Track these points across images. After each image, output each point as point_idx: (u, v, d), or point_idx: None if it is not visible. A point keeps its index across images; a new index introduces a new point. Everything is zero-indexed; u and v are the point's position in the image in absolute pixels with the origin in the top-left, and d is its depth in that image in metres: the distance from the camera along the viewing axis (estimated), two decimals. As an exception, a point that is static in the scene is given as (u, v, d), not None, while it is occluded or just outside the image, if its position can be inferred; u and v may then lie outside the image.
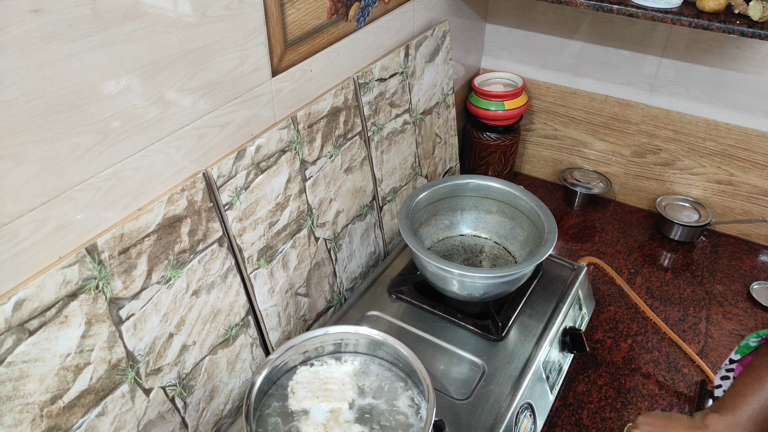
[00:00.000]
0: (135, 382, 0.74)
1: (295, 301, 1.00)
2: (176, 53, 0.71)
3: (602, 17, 1.44)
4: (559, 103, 1.61)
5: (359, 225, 1.15)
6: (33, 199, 0.60)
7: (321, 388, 0.86)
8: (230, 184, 0.83)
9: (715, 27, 1.09)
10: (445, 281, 1.00)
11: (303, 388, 0.85)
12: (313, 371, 0.88)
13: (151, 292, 0.74)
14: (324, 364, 0.89)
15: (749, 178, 1.44)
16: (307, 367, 0.88)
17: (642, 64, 1.45)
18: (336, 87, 1.01)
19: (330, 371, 0.88)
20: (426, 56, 1.26)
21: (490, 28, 1.60)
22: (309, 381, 0.86)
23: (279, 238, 0.94)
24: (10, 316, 0.59)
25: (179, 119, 0.75)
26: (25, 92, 0.56)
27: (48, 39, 0.56)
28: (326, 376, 0.87)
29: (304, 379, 0.87)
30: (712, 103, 1.41)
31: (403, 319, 1.05)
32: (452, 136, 1.45)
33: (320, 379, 0.87)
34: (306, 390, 0.85)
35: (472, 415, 0.89)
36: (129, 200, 0.72)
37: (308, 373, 0.88)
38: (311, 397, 0.84)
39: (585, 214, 1.59)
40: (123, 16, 0.63)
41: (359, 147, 1.10)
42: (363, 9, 1.04)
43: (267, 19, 0.83)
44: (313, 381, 0.86)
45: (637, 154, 1.57)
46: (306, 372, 0.88)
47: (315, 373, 0.88)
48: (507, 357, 0.98)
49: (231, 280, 0.87)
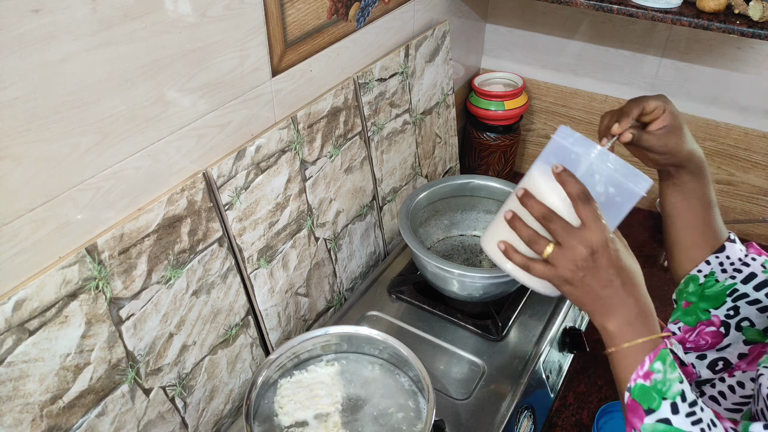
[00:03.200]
0: (135, 382, 0.74)
1: (295, 301, 1.00)
2: (176, 53, 0.71)
3: (602, 17, 1.44)
4: (559, 103, 1.61)
5: (359, 225, 1.15)
6: (33, 199, 0.60)
7: (308, 396, 0.84)
8: (230, 184, 0.83)
9: (715, 27, 1.09)
10: (445, 281, 1.00)
11: (290, 401, 0.84)
12: (295, 381, 0.86)
13: (151, 292, 0.74)
14: (305, 371, 0.87)
15: (749, 178, 1.44)
16: (287, 378, 0.86)
17: (642, 64, 1.45)
18: (336, 87, 1.01)
19: (313, 377, 0.87)
20: (426, 56, 1.26)
21: (490, 28, 1.60)
22: (294, 392, 0.85)
23: (279, 238, 0.94)
24: (10, 316, 0.59)
25: (179, 119, 0.75)
26: (25, 92, 0.56)
27: (48, 39, 0.56)
28: (310, 383, 0.86)
29: (288, 392, 0.85)
30: (712, 103, 1.40)
31: (403, 319, 1.05)
32: (452, 136, 1.45)
33: (305, 387, 0.85)
34: (293, 402, 0.83)
35: (472, 415, 0.89)
36: (129, 200, 0.72)
37: (291, 384, 0.86)
38: (301, 409, 0.83)
39: (585, 214, 1.59)
40: (123, 16, 0.63)
41: (359, 147, 1.10)
42: (363, 9, 1.04)
43: (267, 19, 0.83)
44: (298, 391, 0.85)
45: (637, 154, 1.57)
46: (288, 384, 0.86)
47: (297, 383, 0.86)
48: (507, 357, 0.98)
49: (231, 280, 0.87)
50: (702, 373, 0.77)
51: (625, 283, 0.62)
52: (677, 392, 0.59)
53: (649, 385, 0.60)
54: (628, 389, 0.61)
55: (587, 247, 0.60)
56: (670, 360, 0.60)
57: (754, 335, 0.74)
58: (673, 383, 0.59)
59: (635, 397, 0.60)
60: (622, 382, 0.62)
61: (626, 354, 0.61)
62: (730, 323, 0.75)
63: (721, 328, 0.75)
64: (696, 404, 0.59)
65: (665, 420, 0.58)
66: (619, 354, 0.62)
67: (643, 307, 0.63)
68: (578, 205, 0.61)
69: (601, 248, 0.60)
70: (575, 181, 0.62)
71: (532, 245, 0.63)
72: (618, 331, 0.62)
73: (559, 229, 0.61)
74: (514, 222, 0.64)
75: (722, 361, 0.76)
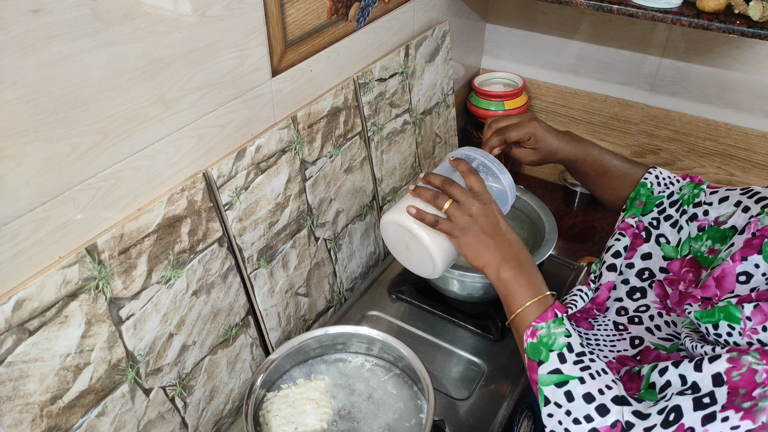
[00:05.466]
0: (135, 382, 0.74)
1: (295, 301, 1.00)
2: (176, 53, 0.71)
3: (602, 17, 1.44)
4: (559, 103, 1.61)
5: (359, 225, 1.15)
6: (33, 199, 0.60)
7: (294, 413, 0.83)
8: (230, 184, 0.83)
9: (715, 27, 1.09)
10: (445, 281, 1.00)
11: (275, 416, 0.82)
12: (282, 396, 0.85)
13: (151, 292, 0.74)
14: (293, 386, 0.86)
15: (749, 178, 1.44)
16: (275, 393, 0.85)
17: (642, 64, 1.45)
18: (336, 87, 1.01)
19: (301, 392, 0.85)
20: (426, 56, 1.26)
21: (490, 28, 1.60)
22: (279, 407, 0.83)
23: (279, 238, 0.94)
24: (10, 316, 0.59)
25: (179, 119, 0.75)
26: (25, 92, 0.56)
27: (48, 39, 0.56)
28: (296, 399, 0.84)
29: (275, 407, 0.84)
30: (712, 103, 1.41)
31: (403, 319, 1.05)
32: (452, 136, 1.45)
33: (291, 402, 0.84)
34: (279, 417, 0.82)
35: (472, 415, 0.89)
36: (129, 200, 0.72)
37: (278, 398, 0.85)
38: (286, 424, 0.81)
39: (585, 214, 1.59)
40: (123, 16, 0.63)
41: (359, 147, 1.10)
42: (363, 9, 1.04)
43: (267, 19, 0.83)
44: (283, 406, 0.84)
45: (637, 154, 1.57)
46: (276, 398, 0.85)
47: (284, 398, 0.85)
48: (507, 357, 0.98)
49: (231, 280, 0.87)
50: (631, 281, 0.88)
51: (508, 233, 0.76)
52: (563, 344, 0.68)
53: (536, 342, 0.69)
54: (525, 350, 0.70)
55: (478, 202, 0.75)
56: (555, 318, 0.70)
57: (670, 252, 0.86)
58: (558, 337, 0.68)
59: (528, 354, 0.70)
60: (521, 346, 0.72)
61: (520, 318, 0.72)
62: (652, 232, 0.88)
63: (643, 232, 0.88)
64: (584, 354, 0.68)
65: (556, 370, 0.67)
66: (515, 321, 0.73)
67: (526, 257, 0.75)
68: (468, 177, 0.78)
69: (487, 202, 0.75)
70: (465, 163, 0.79)
71: (434, 201, 0.76)
72: (512, 279, 0.73)
73: (455, 190, 0.76)
74: (418, 191, 0.78)
75: (647, 271, 0.87)
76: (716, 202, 0.83)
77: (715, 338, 0.66)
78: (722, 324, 0.65)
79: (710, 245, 0.81)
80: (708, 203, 0.84)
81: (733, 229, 0.79)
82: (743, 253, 0.70)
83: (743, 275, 0.69)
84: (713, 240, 0.81)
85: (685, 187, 0.88)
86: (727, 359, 0.60)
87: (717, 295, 0.71)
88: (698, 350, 0.67)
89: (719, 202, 0.82)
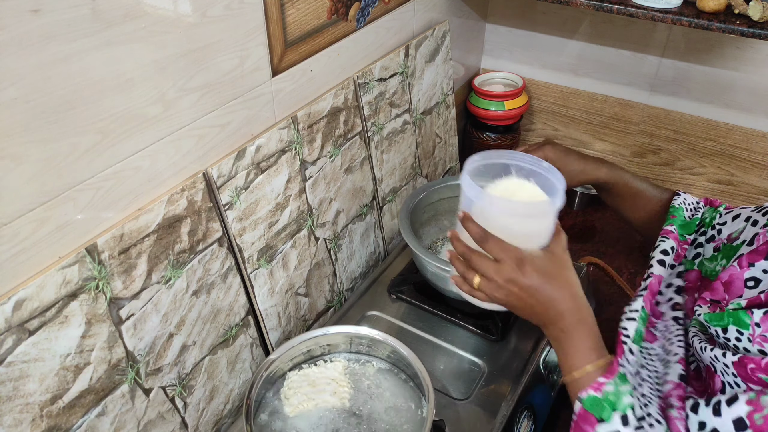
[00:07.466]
0: (135, 382, 0.74)
1: (295, 301, 1.00)
2: (176, 53, 0.71)
3: (602, 17, 1.44)
4: (559, 103, 1.61)
5: (359, 225, 1.15)
6: (33, 199, 0.60)
7: (315, 390, 0.85)
8: (230, 184, 0.83)
9: (715, 27, 1.09)
10: (445, 281, 1.00)
11: (296, 393, 0.85)
12: (303, 374, 0.87)
13: (151, 292, 0.74)
14: (313, 366, 0.89)
15: (749, 178, 1.44)
16: (296, 371, 0.88)
17: (642, 64, 1.45)
18: (336, 87, 1.01)
19: (321, 371, 0.88)
20: (426, 56, 1.26)
21: (490, 28, 1.60)
22: (300, 385, 0.86)
23: (279, 238, 0.94)
24: (10, 316, 0.59)
25: (179, 119, 0.75)
26: (25, 92, 0.56)
27: (48, 39, 0.56)
28: (317, 378, 0.87)
29: (296, 384, 0.86)
30: (712, 103, 1.41)
31: (403, 319, 1.05)
32: (452, 136, 1.45)
33: (311, 381, 0.86)
34: (300, 394, 0.84)
35: (472, 415, 0.89)
36: (129, 200, 0.72)
37: (298, 377, 0.87)
38: (306, 401, 0.84)
39: (585, 214, 1.59)
40: (123, 16, 0.63)
41: (359, 147, 1.10)
42: (363, 9, 1.04)
43: (267, 19, 0.83)
44: (304, 384, 0.86)
45: (638, 154, 1.57)
46: (296, 376, 0.87)
47: (305, 376, 0.87)
48: (507, 357, 0.98)
49: (231, 280, 0.87)
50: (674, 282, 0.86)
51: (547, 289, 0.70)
52: (627, 405, 0.64)
53: (600, 397, 0.65)
54: (579, 399, 0.66)
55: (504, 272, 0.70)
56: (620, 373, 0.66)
57: (687, 264, 0.86)
58: (623, 396, 0.64)
59: (586, 407, 0.66)
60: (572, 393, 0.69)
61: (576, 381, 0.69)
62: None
63: None
64: (644, 419, 0.64)
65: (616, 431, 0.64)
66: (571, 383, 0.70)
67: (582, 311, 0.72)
68: (482, 245, 0.72)
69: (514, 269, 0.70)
70: (473, 225, 0.72)
71: (465, 277, 0.74)
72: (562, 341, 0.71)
73: (478, 264, 0.72)
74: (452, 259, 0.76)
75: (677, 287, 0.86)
76: (729, 220, 0.83)
77: (725, 341, 0.66)
78: (731, 329, 0.64)
79: (724, 264, 0.79)
80: (722, 223, 0.84)
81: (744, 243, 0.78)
82: (750, 258, 0.70)
83: (751, 281, 0.69)
84: (728, 259, 0.79)
85: (706, 213, 0.88)
86: (746, 401, 0.58)
87: (725, 298, 0.71)
88: (706, 353, 0.67)
89: (732, 219, 0.82)
